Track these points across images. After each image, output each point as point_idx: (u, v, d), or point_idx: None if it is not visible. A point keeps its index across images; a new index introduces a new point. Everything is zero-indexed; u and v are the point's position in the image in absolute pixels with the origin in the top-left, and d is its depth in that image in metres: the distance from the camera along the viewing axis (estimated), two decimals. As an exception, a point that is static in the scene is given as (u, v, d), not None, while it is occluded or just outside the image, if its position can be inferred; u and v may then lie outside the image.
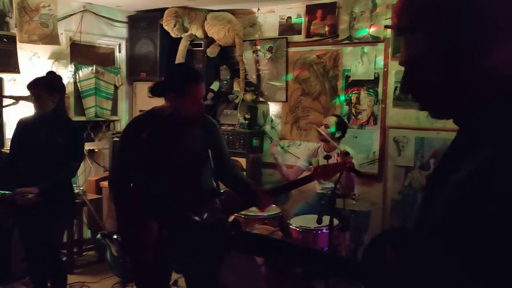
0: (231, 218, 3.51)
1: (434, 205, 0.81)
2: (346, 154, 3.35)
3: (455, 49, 0.78)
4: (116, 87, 5.16)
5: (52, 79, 3.20)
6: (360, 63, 4.37)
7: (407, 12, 0.84)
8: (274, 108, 4.99)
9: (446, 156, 0.88)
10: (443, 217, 0.76)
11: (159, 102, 2.44)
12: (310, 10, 4.64)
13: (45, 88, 3.08)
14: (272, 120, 5.00)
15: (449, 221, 0.74)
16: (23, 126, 3.21)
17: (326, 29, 4.56)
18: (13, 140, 3.24)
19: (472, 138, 0.80)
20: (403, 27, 0.85)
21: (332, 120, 3.96)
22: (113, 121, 5.24)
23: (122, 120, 5.30)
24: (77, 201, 3.69)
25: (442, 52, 0.80)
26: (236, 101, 4.92)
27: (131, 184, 2.42)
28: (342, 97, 4.51)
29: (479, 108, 0.79)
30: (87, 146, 4.75)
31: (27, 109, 4.02)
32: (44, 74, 3.28)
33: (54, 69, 4.39)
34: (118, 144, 2.84)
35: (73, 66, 4.69)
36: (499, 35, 0.76)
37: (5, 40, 4.09)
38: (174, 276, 2.83)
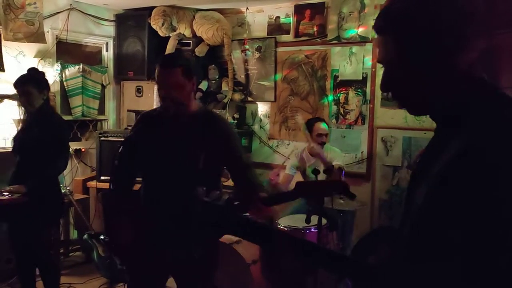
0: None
1: (416, 200, 0.83)
2: (340, 170, 3.04)
3: (425, 51, 0.83)
4: (103, 86, 5.11)
5: (39, 75, 3.18)
6: (348, 63, 4.39)
7: (380, 16, 0.90)
8: (262, 108, 4.99)
9: (426, 152, 0.92)
10: (422, 212, 0.79)
11: (147, 101, 2.42)
12: (299, 10, 4.65)
13: (35, 84, 3.07)
14: (260, 120, 5.00)
15: (427, 216, 0.77)
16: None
17: (315, 29, 4.57)
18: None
19: (447, 134, 0.85)
20: (377, 29, 0.90)
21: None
22: (100, 120, 5.19)
23: (109, 120, 5.26)
24: (64, 201, 3.67)
25: (413, 54, 0.84)
26: (225, 100, 4.91)
27: (130, 181, 2.39)
28: (330, 97, 4.52)
29: (452, 105, 0.85)
30: (74, 146, 4.70)
31: (12, 108, 3.98)
32: (28, 71, 3.25)
33: (40, 68, 4.33)
34: None
35: (59, 64, 4.63)
36: (466, 36, 0.81)
37: (-11, 38, 4.03)
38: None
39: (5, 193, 2.99)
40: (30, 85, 3.06)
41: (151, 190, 2.31)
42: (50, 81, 4.40)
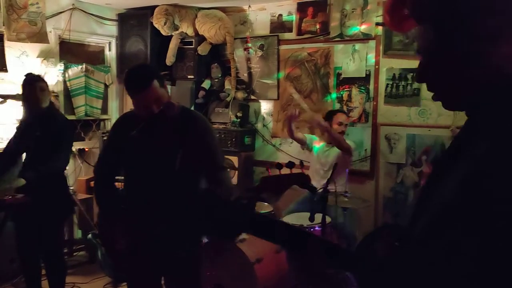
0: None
1: (432, 201, 0.80)
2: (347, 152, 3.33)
3: (462, 42, 0.80)
4: (106, 86, 5.12)
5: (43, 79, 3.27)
6: (352, 60, 4.37)
7: (416, 4, 0.85)
8: (265, 106, 4.98)
9: (451, 148, 0.88)
10: (439, 215, 0.76)
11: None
12: (301, 8, 4.63)
13: (45, 84, 3.18)
14: (263, 118, 4.98)
15: (445, 219, 0.74)
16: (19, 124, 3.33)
17: (317, 26, 4.55)
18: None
19: (474, 133, 0.80)
20: (416, 17, 0.86)
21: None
22: (103, 120, 5.19)
23: (113, 119, 5.25)
24: (72, 198, 3.71)
25: (450, 45, 0.81)
26: (228, 99, 4.90)
27: (112, 180, 2.40)
28: (334, 95, 4.51)
29: (483, 103, 0.80)
30: (77, 146, 4.71)
31: (15, 108, 3.99)
32: (32, 73, 3.30)
33: (43, 68, 4.35)
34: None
35: (62, 64, 4.63)
36: (506, 29, 0.77)
37: (-8, 38, 4.04)
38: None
39: (9, 195, 3.00)
40: (44, 82, 3.17)
41: (132, 189, 2.31)
42: (53, 81, 4.45)
